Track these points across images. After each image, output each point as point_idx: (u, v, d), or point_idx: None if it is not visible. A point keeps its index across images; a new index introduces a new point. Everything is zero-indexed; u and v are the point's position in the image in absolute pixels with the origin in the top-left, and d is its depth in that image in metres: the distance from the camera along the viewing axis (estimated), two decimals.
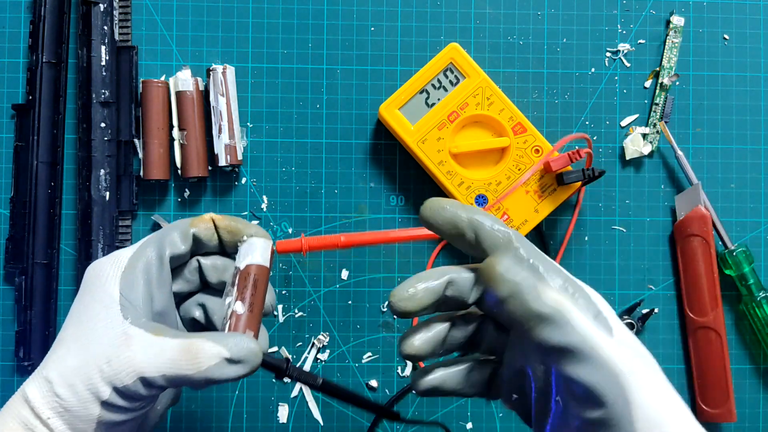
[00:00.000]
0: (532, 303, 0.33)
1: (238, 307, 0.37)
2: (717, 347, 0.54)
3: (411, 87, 0.53)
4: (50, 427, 0.34)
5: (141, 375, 0.34)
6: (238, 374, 0.35)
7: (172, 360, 0.34)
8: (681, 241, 0.55)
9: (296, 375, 0.38)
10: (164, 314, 0.37)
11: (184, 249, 0.38)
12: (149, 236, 0.38)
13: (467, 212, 0.36)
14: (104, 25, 0.53)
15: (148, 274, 0.37)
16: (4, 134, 0.55)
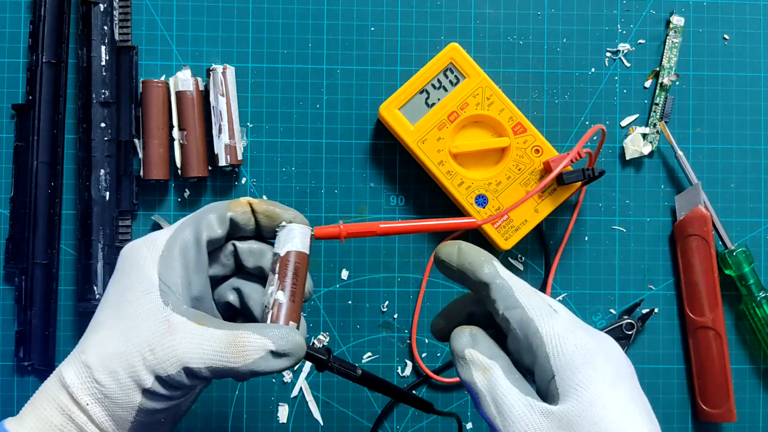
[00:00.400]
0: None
1: (280, 297, 0.36)
2: (717, 347, 0.54)
3: (411, 87, 0.53)
4: (89, 413, 0.33)
5: (185, 365, 0.33)
6: (283, 367, 0.34)
7: (218, 352, 0.34)
8: (681, 241, 0.55)
9: (337, 366, 0.38)
10: (201, 299, 0.37)
11: (221, 233, 0.38)
12: (185, 219, 0.38)
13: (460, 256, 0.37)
14: (104, 25, 0.53)
15: (185, 258, 0.36)
16: (4, 134, 0.55)
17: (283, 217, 0.39)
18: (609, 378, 0.34)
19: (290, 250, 0.38)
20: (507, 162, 0.53)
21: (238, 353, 0.34)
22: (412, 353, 0.56)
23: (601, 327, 0.56)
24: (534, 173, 0.53)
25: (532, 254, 0.56)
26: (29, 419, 0.34)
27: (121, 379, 0.33)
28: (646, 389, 0.57)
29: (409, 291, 0.56)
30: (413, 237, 0.56)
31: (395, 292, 0.56)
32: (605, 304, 0.56)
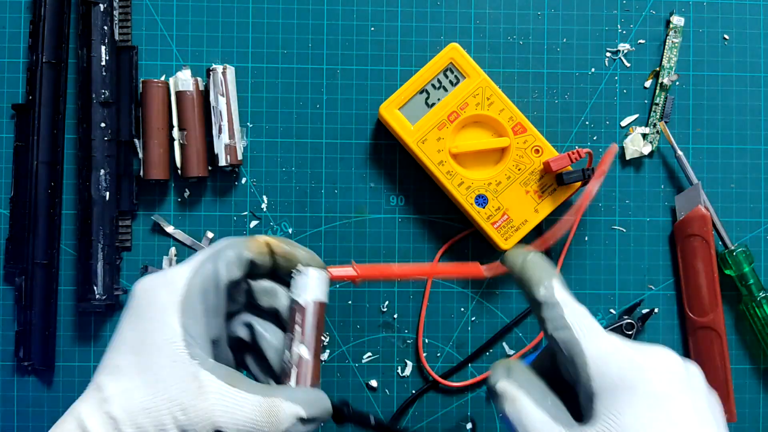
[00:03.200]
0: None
1: (304, 353, 0.36)
2: (717, 347, 0.54)
3: (411, 87, 0.53)
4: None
5: (217, 428, 0.33)
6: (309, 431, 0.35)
7: (252, 419, 0.33)
8: (681, 241, 0.55)
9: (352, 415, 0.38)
10: (218, 341, 0.37)
11: (239, 275, 0.37)
12: (200, 257, 0.37)
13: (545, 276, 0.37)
14: (104, 25, 0.53)
15: (205, 303, 0.36)
16: (4, 134, 0.55)
17: (301, 260, 0.39)
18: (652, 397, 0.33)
19: (311, 300, 0.37)
20: (507, 162, 0.53)
21: (271, 421, 0.34)
22: (417, 354, 0.56)
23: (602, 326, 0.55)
24: (534, 173, 0.53)
25: None
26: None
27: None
28: None
29: (409, 291, 0.56)
30: (413, 238, 0.56)
31: (395, 292, 0.56)
32: (605, 304, 0.56)
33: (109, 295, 0.53)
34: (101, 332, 0.55)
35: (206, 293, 0.36)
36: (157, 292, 0.35)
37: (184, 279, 0.35)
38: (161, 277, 0.36)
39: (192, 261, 0.37)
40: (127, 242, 0.55)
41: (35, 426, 0.54)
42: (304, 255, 0.39)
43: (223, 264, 0.36)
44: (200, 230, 0.55)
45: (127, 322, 0.35)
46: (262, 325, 0.40)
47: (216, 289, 0.36)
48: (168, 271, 0.36)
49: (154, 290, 0.35)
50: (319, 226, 0.55)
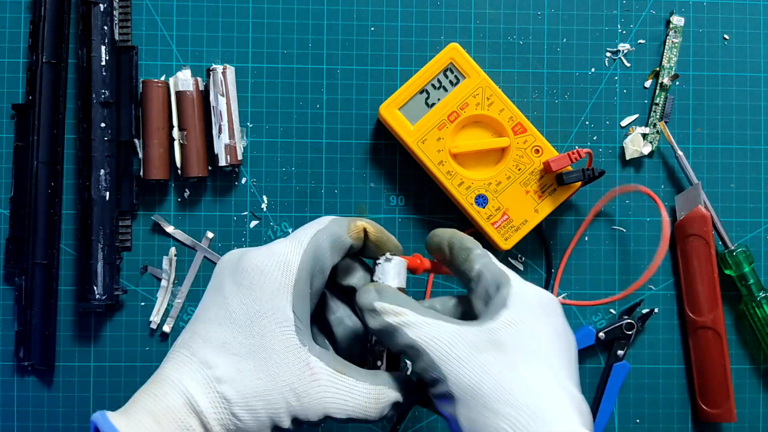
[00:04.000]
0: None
1: None
2: (717, 347, 0.54)
3: (411, 87, 0.53)
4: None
5: (328, 415, 0.34)
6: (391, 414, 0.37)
7: (362, 406, 0.35)
8: (681, 241, 0.55)
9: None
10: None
11: (339, 259, 0.38)
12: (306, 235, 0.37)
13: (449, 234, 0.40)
14: (104, 25, 0.53)
15: (312, 288, 0.36)
16: (4, 134, 0.55)
17: (391, 248, 0.40)
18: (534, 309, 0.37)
19: (395, 285, 0.39)
20: (507, 162, 0.53)
21: (378, 407, 0.35)
22: None
23: (601, 327, 0.56)
24: (534, 173, 0.53)
25: (532, 254, 0.56)
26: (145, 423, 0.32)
27: (261, 417, 0.33)
28: (646, 389, 0.57)
29: (409, 291, 0.56)
30: (413, 238, 0.56)
31: None
32: (605, 304, 0.56)
33: (109, 295, 0.53)
34: (101, 332, 0.55)
35: (314, 278, 0.36)
36: (271, 273, 0.35)
37: (296, 262, 0.35)
38: (272, 255, 0.36)
39: (300, 240, 0.36)
40: (127, 242, 0.55)
41: (35, 426, 0.54)
42: (395, 243, 0.40)
43: (329, 248, 0.37)
44: (200, 230, 0.55)
45: (236, 297, 0.35)
46: (334, 302, 0.40)
47: (321, 273, 0.37)
48: (278, 250, 0.36)
49: (269, 271, 0.35)
50: None
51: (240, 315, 0.35)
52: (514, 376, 0.33)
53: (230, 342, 0.34)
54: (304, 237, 0.37)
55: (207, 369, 0.34)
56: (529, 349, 0.35)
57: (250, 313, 0.34)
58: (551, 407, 0.33)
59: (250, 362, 0.34)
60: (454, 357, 0.34)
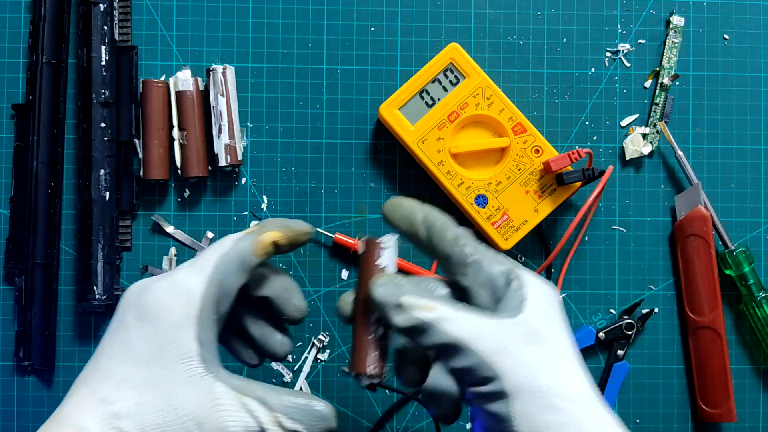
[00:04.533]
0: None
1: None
2: (717, 347, 0.54)
3: (411, 87, 0.53)
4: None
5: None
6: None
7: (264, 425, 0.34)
8: (681, 241, 0.55)
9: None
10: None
11: (246, 278, 0.37)
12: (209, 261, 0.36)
13: (423, 210, 0.38)
14: (104, 25, 0.53)
15: (218, 313, 0.35)
16: (4, 134, 0.55)
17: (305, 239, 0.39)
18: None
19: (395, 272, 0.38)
20: (507, 162, 0.53)
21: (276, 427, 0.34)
22: None
23: (601, 327, 0.56)
24: (534, 173, 0.53)
25: (532, 254, 0.56)
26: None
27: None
28: (646, 389, 0.57)
29: None
30: None
31: None
32: (605, 304, 0.56)
33: (109, 295, 0.53)
34: (101, 332, 0.55)
35: (219, 304, 0.35)
36: (172, 305, 0.34)
37: (199, 291, 0.35)
38: (173, 287, 0.35)
39: (202, 267, 0.36)
40: (127, 242, 0.55)
41: (35, 426, 0.54)
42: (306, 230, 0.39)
43: (234, 271, 0.36)
44: (200, 230, 0.55)
45: (137, 332, 0.34)
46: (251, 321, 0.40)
47: (228, 297, 0.36)
48: (179, 280, 0.35)
49: (169, 304, 0.34)
50: (319, 226, 0.55)
51: (141, 349, 0.34)
52: (565, 368, 0.33)
53: (131, 377, 0.33)
54: (207, 263, 0.36)
55: (106, 405, 0.33)
56: (562, 341, 0.34)
57: (152, 347, 0.34)
58: (596, 400, 0.33)
59: (151, 396, 0.33)
60: (507, 353, 0.33)
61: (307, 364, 0.55)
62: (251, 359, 0.42)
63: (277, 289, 0.39)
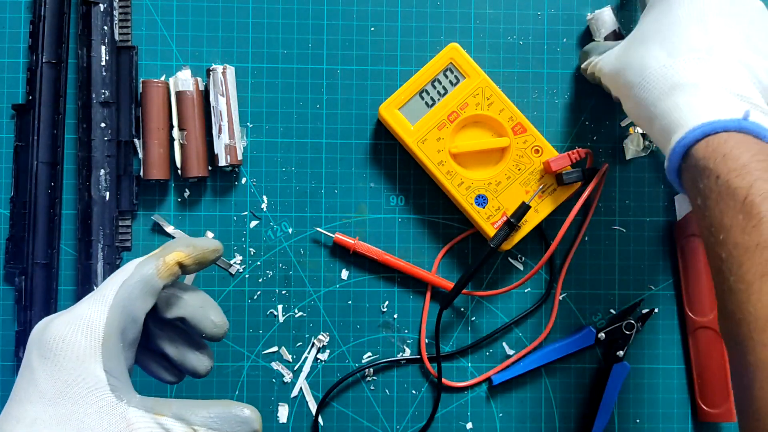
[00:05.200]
0: None
1: None
2: (717, 347, 0.54)
3: (411, 87, 0.53)
4: None
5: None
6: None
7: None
8: (681, 241, 0.55)
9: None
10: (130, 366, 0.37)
11: (153, 302, 0.37)
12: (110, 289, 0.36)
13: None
14: (104, 25, 0.53)
15: (124, 340, 0.35)
16: (4, 134, 0.55)
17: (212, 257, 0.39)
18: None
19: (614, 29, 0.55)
20: (507, 162, 0.53)
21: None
22: (420, 353, 0.56)
23: (601, 327, 0.56)
24: (534, 173, 0.53)
25: (532, 254, 0.56)
26: None
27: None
28: (646, 389, 0.57)
29: (409, 291, 0.56)
30: (413, 238, 0.56)
31: (395, 292, 0.56)
32: (605, 304, 0.56)
33: None
34: None
35: (125, 332, 0.35)
36: (74, 339, 0.34)
37: (101, 322, 0.34)
38: (74, 320, 0.35)
39: (103, 296, 0.36)
40: (127, 242, 0.55)
41: None
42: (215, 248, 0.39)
43: (139, 296, 0.36)
44: (200, 230, 0.55)
45: (42, 371, 0.34)
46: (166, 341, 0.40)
47: (134, 323, 0.36)
48: (80, 312, 0.35)
49: (70, 338, 0.34)
50: (319, 226, 0.55)
51: (48, 388, 0.34)
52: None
53: (41, 417, 0.33)
54: (109, 291, 0.36)
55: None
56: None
57: (58, 384, 0.34)
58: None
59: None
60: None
61: (307, 364, 0.55)
62: (170, 377, 0.41)
63: (190, 308, 0.39)
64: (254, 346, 0.55)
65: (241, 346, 0.55)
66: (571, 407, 0.56)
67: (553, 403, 0.56)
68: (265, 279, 0.55)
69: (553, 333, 0.56)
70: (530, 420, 0.56)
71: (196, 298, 0.40)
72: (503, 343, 0.56)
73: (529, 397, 0.56)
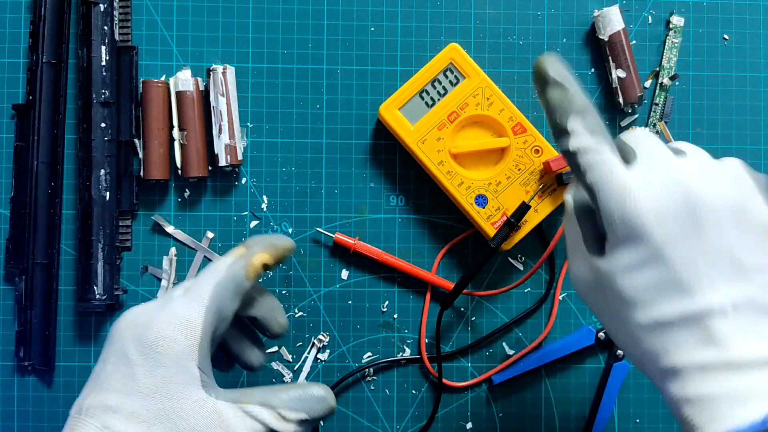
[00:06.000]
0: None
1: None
2: None
3: (411, 87, 0.53)
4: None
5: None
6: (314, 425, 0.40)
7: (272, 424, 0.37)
8: None
9: None
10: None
11: (240, 302, 0.39)
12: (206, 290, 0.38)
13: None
14: (104, 25, 0.53)
15: (215, 336, 0.37)
16: (4, 134, 0.55)
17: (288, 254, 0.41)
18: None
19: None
20: (507, 162, 0.53)
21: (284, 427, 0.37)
22: (420, 353, 0.56)
23: (601, 327, 0.56)
24: (534, 173, 0.53)
25: (532, 254, 0.56)
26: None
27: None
28: (646, 389, 0.57)
29: (410, 291, 0.56)
30: (413, 238, 0.56)
31: (395, 292, 0.56)
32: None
33: (109, 295, 0.53)
34: (101, 332, 0.55)
35: (216, 330, 0.37)
36: (175, 338, 0.36)
37: (199, 322, 0.37)
38: (174, 319, 0.37)
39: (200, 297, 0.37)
40: (127, 242, 0.55)
41: (35, 426, 0.54)
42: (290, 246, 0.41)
43: (230, 297, 0.38)
44: (200, 230, 0.55)
45: (142, 367, 0.36)
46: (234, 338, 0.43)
47: (223, 323, 0.38)
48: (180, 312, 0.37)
49: (173, 337, 0.36)
50: (319, 226, 0.55)
51: (147, 383, 0.36)
52: None
53: (139, 411, 0.35)
54: (204, 292, 0.38)
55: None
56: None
57: (157, 380, 0.36)
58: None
59: (161, 427, 0.35)
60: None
61: (307, 364, 0.55)
62: (224, 367, 0.44)
63: (264, 310, 0.42)
64: None
65: None
66: (570, 407, 0.56)
67: (553, 403, 0.56)
68: (265, 279, 0.55)
69: (552, 333, 0.56)
70: (530, 420, 0.56)
71: (269, 300, 0.42)
72: (503, 343, 0.56)
73: (529, 397, 0.56)
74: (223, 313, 0.38)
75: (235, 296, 0.38)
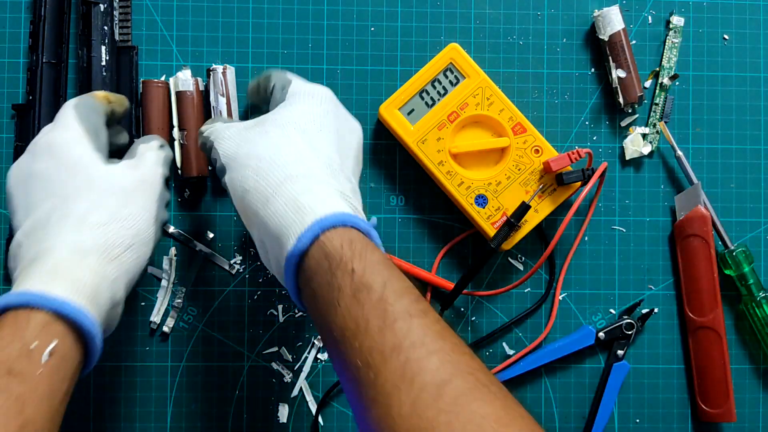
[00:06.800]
0: None
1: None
2: (717, 347, 0.54)
3: (411, 87, 0.53)
4: None
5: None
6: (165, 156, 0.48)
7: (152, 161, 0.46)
8: (681, 241, 0.55)
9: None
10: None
11: (104, 120, 0.46)
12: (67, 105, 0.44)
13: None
14: (104, 25, 0.53)
15: (99, 140, 0.45)
16: (4, 134, 0.55)
17: (126, 103, 0.49)
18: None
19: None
20: (507, 162, 0.53)
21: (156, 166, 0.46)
22: None
23: (601, 327, 0.56)
24: (534, 173, 0.53)
25: (532, 254, 0.56)
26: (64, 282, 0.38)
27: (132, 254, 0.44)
28: (646, 389, 0.57)
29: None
30: (413, 238, 0.56)
31: None
32: (605, 304, 0.56)
33: None
34: None
35: (98, 133, 0.44)
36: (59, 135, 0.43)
37: (72, 115, 0.44)
38: (52, 129, 0.44)
39: (64, 111, 0.44)
40: None
41: None
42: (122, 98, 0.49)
43: (94, 112, 0.45)
44: (200, 230, 0.55)
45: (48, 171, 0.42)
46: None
47: (102, 129, 0.45)
48: (55, 124, 0.44)
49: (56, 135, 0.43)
50: None
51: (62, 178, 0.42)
52: (263, 137, 0.41)
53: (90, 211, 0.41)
54: (67, 107, 0.44)
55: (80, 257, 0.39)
56: (286, 120, 0.42)
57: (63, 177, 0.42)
58: (291, 159, 0.40)
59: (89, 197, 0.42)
60: (225, 137, 0.43)
61: (307, 364, 0.55)
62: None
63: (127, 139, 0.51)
64: (254, 346, 0.55)
65: (241, 346, 0.55)
66: (570, 407, 0.56)
67: (553, 403, 0.56)
68: (265, 279, 0.55)
69: (552, 333, 0.56)
70: None
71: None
72: (503, 343, 0.56)
73: (529, 397, 0.56)
74: (91, 121, 0.44)
75: (100, 109, 0.45)
